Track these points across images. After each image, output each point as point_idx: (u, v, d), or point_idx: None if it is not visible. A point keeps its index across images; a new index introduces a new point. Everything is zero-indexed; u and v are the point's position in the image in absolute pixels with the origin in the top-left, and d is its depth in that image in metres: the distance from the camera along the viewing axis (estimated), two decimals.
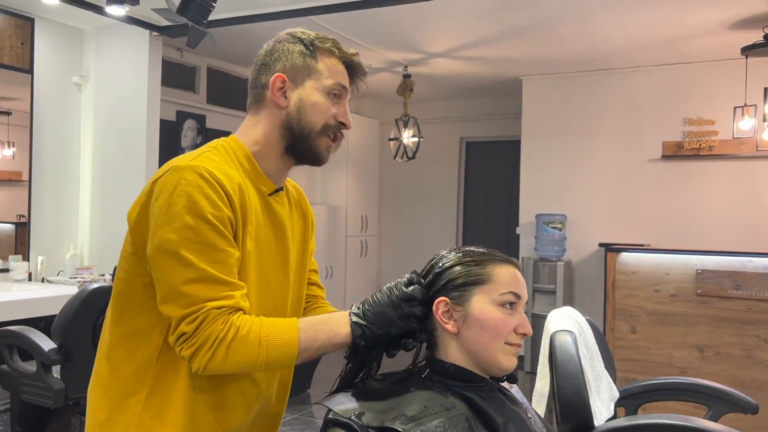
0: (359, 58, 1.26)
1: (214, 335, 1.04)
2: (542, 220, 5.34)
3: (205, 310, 1.04)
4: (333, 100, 1.22)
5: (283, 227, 1.25)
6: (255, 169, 1.21)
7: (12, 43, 3.89)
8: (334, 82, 1.21)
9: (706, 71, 4.98)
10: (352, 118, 1.27)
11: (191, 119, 5.11)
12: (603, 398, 2.07)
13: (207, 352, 1.04)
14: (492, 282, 1.11)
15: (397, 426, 1.00)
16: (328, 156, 1.25)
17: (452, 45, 4.73)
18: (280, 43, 1.23)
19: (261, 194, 1.21)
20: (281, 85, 1.21)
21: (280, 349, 1.06)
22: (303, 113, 1.20)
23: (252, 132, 1.24)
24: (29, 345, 2.70)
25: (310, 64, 1.21)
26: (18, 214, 4.00)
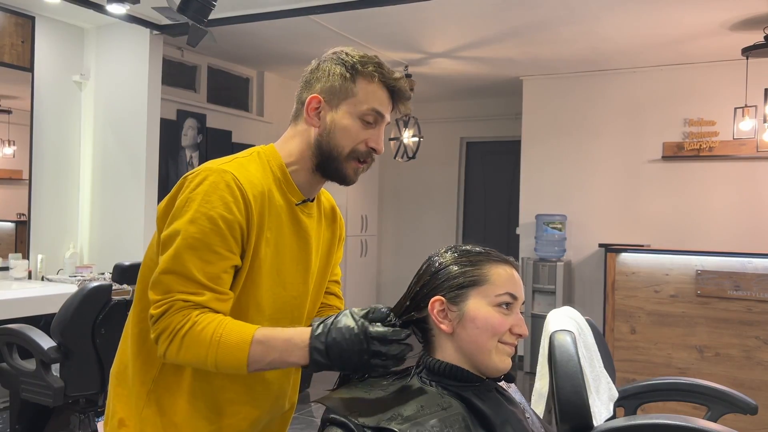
0: (404, 82, 1.25)
1: (172, 326, 1.08)
2: (542, 221, 5.34)
3: (172, 300, 1.09)
4: (365, 125, 1.22)
5: (307, 237, 1.27)
6: (287, 179, 1.24)
7: (12, 41, 3.89)
8: (368, 107, 1.21)
9: (707, 72, 4.97)
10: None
11: (192, 118, 5.10)
12: (602, 398, 2.07)
13: (165, 341, 1.08)
14: (488, 283, 1.11)
15: (393, 426, 1.00)
16: (356, 178, 1.26)
17: (453, 45, 4.73)
18: (324, 63, 1.24)
19: (289, 203, 1.23)
20: (317, 106, 1.22)
21: (229, 354, 1.07)
22: (333, 136, 1.21)
23: (288, 144, 1.27)
24: (29, 343, 2.70)
25: (348, 88, 1.21)
26: (18, 213, 4.00)
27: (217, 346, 1.07)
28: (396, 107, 1.26)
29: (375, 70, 1.22)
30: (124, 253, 3.96)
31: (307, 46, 4.80)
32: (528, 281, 5.35)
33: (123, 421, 1.21)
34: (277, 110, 5.98)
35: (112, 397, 1.25)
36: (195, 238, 1.10)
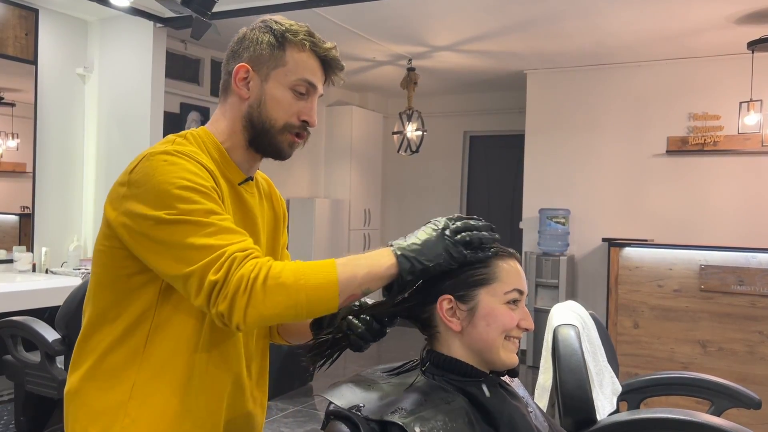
0: (336, 52, 1.19)
1: (246, 277, 0.96)
2: (545, 215, 5.33)
3: (229, 254, 0.97)
4: (298, 97, 1.16)
5: (254, 217, 1.20)
6: (225, 159, 1.17)
7: (16, 34, 3.89)
8: (299, 78, 1.15)
9: (712, 66, 4.95)
10: (356, 112, 1.24)
11: (195, 111, 5.10)
12: (606, 392, 2.07)
13: (243, 296, 0.95)
14: (497, 281, 1.11)
15: (396, 419, 1.00)
16: (291, 152, 1.19)
17: (457, 38, 4.72)
18: (252, 31, 1.17)
19: (231, 184, 1.17)
20: (245, 76, 1.15)
21: (318, 281, 0.98)
22: (264, 107, 1.15)
23: (219, 123, 1.19)
24: (33, 335, 2.71)
25: (278, 56, 1.15)
26: (22, 206, 4.01)
27: (305, 281, 0.97)
28: (329, 78, 1.20)
29: (305, 39, 1.15)
30: None
31: None
32: (531, 276, 5.35)
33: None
34: None
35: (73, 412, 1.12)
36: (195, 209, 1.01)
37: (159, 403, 1.07)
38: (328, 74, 1.19)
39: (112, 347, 1.08)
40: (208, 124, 1.21)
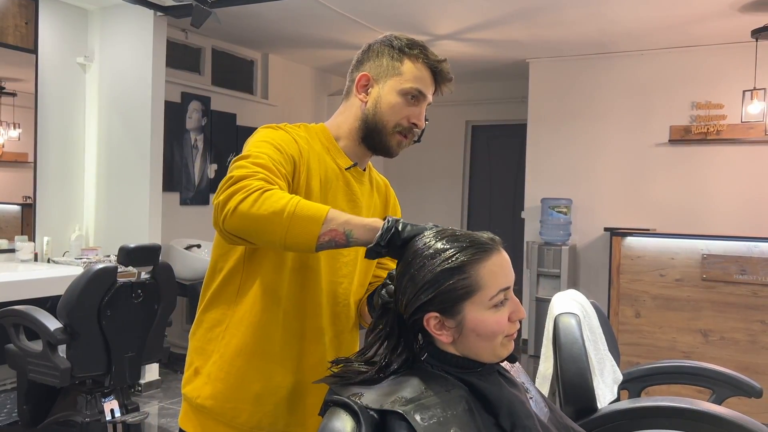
0: (446, 65, 1.37)
1: (252, 186, 1.10)
2: (547, 205, 5.32)
3: (256, 171, 1.14)
4: (409, 102, 1.33)
5: (358, 201, 1.37)
6: (333, 146, 1.36)
7: (16, 22, 3.87)
8: (412, 86, 1.32)
9: (715, 54, 4.92)
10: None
11: (196, 101, 5.09)
12: (606, 381, 2.07)
13: (241, 195, 1.09)
14: (481, 290, 1.06)
15: (396, 408, 1.00)
16: (399, 151, 1.37)
17: (458, 27, 4.69)
18: (375, 44, 1.38)
19: (339, 167, 1.35)
20: (365, 83, 1.35)
21: (306, 209, 1.08)
22: (378, 110, 1.33)
23: (338, 119, 1.39)
24: (35, 324, 2.72)
25: (395, 67, 1.34)
26: (24, 196, 4.01)
27: (297, 202, 1.09)
28: (438, 88, 1.38)
29: (420, 53, 1.34)
30: (130, 236, 3.97)
31: (312, 28, 4.77)
32: (533, 265, 5.35)
33: (198, 370, 1.31)
34: (281, 93, 5.96)
35: (189, 352, 1.35)
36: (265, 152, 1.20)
37: (239, 343, 1.28)
38: (438, 84, 1.38)
39: (216, 295, 1.31)
40: (327, 121, 1.41)
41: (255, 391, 1.27)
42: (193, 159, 5.13)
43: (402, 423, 0.99)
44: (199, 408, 1.30)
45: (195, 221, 4.92)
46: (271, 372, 1.28)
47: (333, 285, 1.33)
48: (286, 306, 1.28)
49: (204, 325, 1.33)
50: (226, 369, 1.28)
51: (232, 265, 1.29)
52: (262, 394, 1.28)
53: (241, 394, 1.27)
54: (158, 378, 4.22)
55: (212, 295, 1.32)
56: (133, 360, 2.90)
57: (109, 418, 2.86)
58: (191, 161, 5.11)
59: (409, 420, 0.98)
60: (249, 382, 1.27)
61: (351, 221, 1.10)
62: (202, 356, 1.32)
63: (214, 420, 1.29)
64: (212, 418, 1.29)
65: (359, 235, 1.10)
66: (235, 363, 1.28)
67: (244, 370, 1.27)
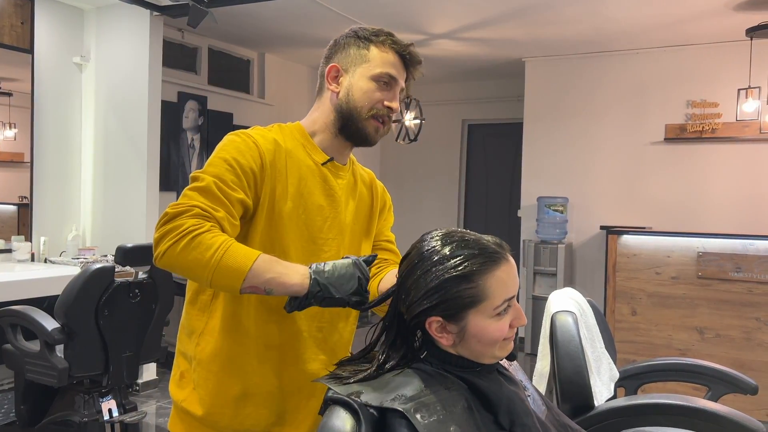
0: (413, 48, 1.37)
1: (185, 227, 1.13)
2: (544, 203, 5.33)
3: (192, 205, 1.16)
4: (381, 87, 1.33)
5: (334, 194, 1.37)
6: (308, 141, 1.36)
7: (12, 22, 3.86)
8: (381, 70, 1.33)
9: (710, 53, 4.94)
10: None
11: (193, 100, 5.09)
12: (603, 378, 2.08)
13: (172, 239, 1.12)
14: (486, 300, 1.06)
15: (396, 406, 1.00)
16: (377, 137, 1.36)
17: (454, 26, 4.70)
18: (341, 38, 1.39)
19: (315, 163, 1.35)
20: (335, 74, 1.36)
21: (231, 263, 1.11)
22: (351, 97, 1.33)
23: (313, 114, 1.40)
24: (32, 324, 2.71)
25: (363, 54, 1.34)
26: (20, 196, 4.00)
27: (222, 254, 1.11)
28: (409, 73, 1.38)
29: (386, 39, 1.34)
30: (127, 235, 3.96)
31: (309, 27, 4.77)
32: (529, 263, 5.36)
33: (183, 375, 1.34)
34: (278, 92, 5.96)
35: (176, 354, 1.38)
36: (213, 174, 1.21)
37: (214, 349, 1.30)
38: (408, 68, 1.37)
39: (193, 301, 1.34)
40: (303, 119, 1.42)
41: (233, 395, 1.29)
42: (190, 158, 5.13)
43: (402, 421, 0.99)
44: (184, 412, 1.32)
45: None
46: (248, 376, 1.30)
47: None
48: (258, 309, 1.29)
49: (184, 331, 1.36)
50: (204, 375, 1.30)
51: None
52: (241, 398, 1.29)
53: (221, 399, 1.29)
54: (156, 377, 4.22)
55: (190, 300, 1.35)
56: (131, 359, 2.90)
57: (106, 417, 2.86)
58: (188, 161, 5.11)
59: (409, 418, 0.99)
60: (227, 387, 1.29)
61: (273, 281, 1.13)
62: (184, 361, 1.35)
63: (198, 424, 1.31)
64: (196, 422, 1.31)
65: (280, 293, 1.16)
66: (212, 369, 1.30)
67: (221, 375, 1.29)
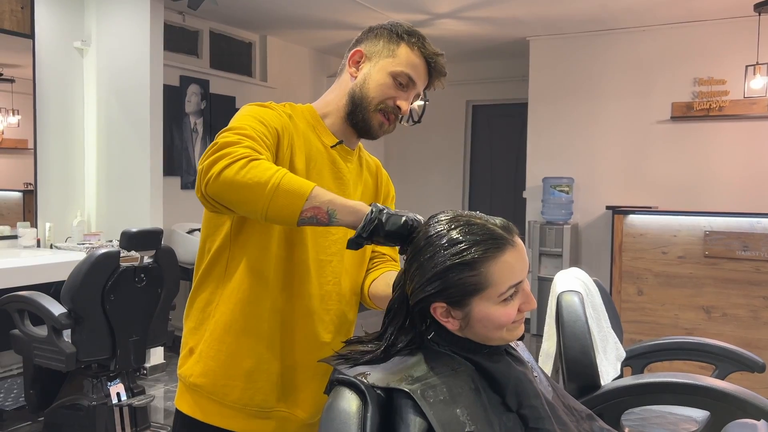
0: (443, 59, 1.35)
1: (238, 153, 1.09)
2: (549, 184, 5.31)
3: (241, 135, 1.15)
4: (397, 85, 1.32)
5: (342, 177, 1.36)
6: (318, 123, 1.35)
7: (12, 7, 3.84)
8: (404, 70, 1.31)
9: (717, 29, 4.88)
10: None
11: (195, 84, 5.06)
12: (609, 358, 2.08)
13: (226, 161, 1.08)
14: (490, 287, 1.04)
15: (403, 386, 1.00)
16: (380, 132, 1.35)
17: (458, 5, 4.65)
18: (377, 27, 1.37)
19: (324, 145, 1.34)
20: (358, 59, 1.35)
21: (294, 181, 1.08)
22: (366, 86, 1.32)
23: (328, 96, 1.39)
24: (40, 310, 2.73)
25: (392, 49, 1.32)
26: (25, 182, 4.01)
27: (283, 174, 1.08)
28: (431, 82, 1.38)
29: (418, 41, 1.33)
30: (131, 220, 3.97)
31: (310, 8, 4.73)
32: (535, 245, 5.35)
33: (192, 350, 1.32)
34: (280, 75, 5.92)
35: (184, 333, 1.36)
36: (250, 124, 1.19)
37: (228, 320, 1.28)
38: (431, 77, 1.37)
39: (206, 275, 1.32)
40: (316, 101, 1.40)
41: (246, 369, 1.28)
42: (193, 142, 5.12)
43: (408, 401, 0.99)
44: (193, 387, 1.30)
45: (196, 205, 4.89)
46: (260, 349, 1.28)
47: (321, 264, 1.32)
48: (273, 284, 1.28)
49: (196, 305, 1.33)
50: (216, 347, 1.28)
51: (219, 244, 1.29)
52: (253, 372, 1.28)
53: (232, 371, 1.28)
54: (163, 361, 4.25)
55: (202, 275, 1.33)
56: (138, 344, 2.91)
57: (115, 401, 2.88)
58: (191, 145, 5.10)
59: (415, 399, 0.98)
60: (239, 359, 1.28)
61: (335, 201, 1.09)
62: (195, 336, 1.32)
63: (207, 398, 1.29)
64: (205, 396, 1.29)
65: (342, 216, 1.09)
66: (225, 340, 1.28)
67: (234, 347, 1.28)
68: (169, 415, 3.47)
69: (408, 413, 0.98)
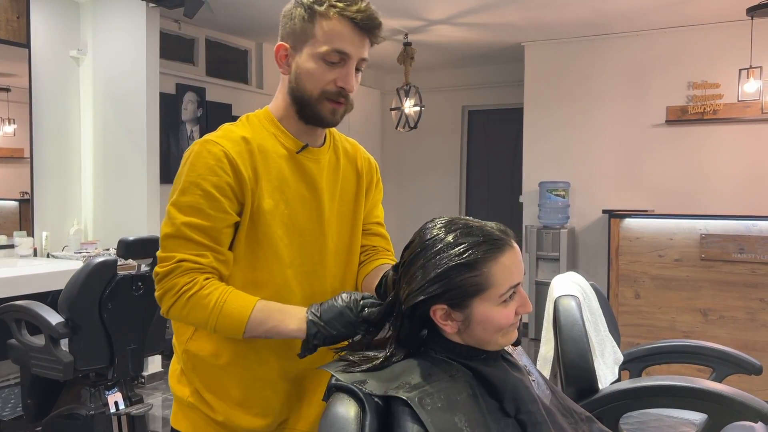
0: (368, 10, 1.19)
1: (178, 286, 1.15)
2: (545, 188, 5.32)
3: (175, 261, 1.16)
4: (330, 66, 1.19)
5: (314, 182, 1.28)
6: (280, 130, 1.27)
7: (8, 17, 3.84)
8: (328, 48, 1.18)
9: (711, 33, 4.90)
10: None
11: (191, 92, 5.07)
12: (607, 362, 2.08)
13: (170, 299, 1.16)
14: (491, 287, 1.05)
15: (400, 394, 1.00)
16: (336, 118, 1.25)
17: (453, 11, 4.67)
18: (287, 8, 1.25)
19: (290, 152, 1.26)
20: (285, 54, 1.24)
21: (228, 320, 1.15)
22: (299, 81, 1.22)
23: (277, 98, 1.30)
24: (37, 319, 2.72)
25: (308, 30, 1.20)
26: (21, 191, 4.00)
27: (219, 312, 1.14)
28: (370, 38, 1.22)
29: (330, 7, 1.18)
30: (128, 229, 3.96)
31: None
32: (532, 249, 5.35)
33: (183, 370, 1.31)
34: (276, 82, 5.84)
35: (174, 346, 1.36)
36: (188, 206, 1.17)
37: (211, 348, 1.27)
38: (364, 34, 1.21)
39: None
40: (270, 103, 1.32)
41: (236, 396, 1.25)
42: None
43: (406, 409, 0.99)
44: (191, 406, 1.28)
45: None
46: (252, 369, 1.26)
47: (305, 276, 1.27)
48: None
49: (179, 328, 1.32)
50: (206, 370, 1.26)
51: None
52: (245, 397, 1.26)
53: (223, 393, 1.26)
54: (161, 370, 4.24)
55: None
56: (136, 352, 2.90)
57: (113, 410, 2.87)
58: None
59: (413, 406, 0.99)
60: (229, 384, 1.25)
61: (271, 331, 1.15)
62: (183, 356, 1.30)
63: (204, 418, 1.27)
64: (203, 416, 1.27)
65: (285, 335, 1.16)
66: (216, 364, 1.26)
67: (221, 373, 1.25)
68: (167, 424, 3.46)
69: (406, 421, 0.98)
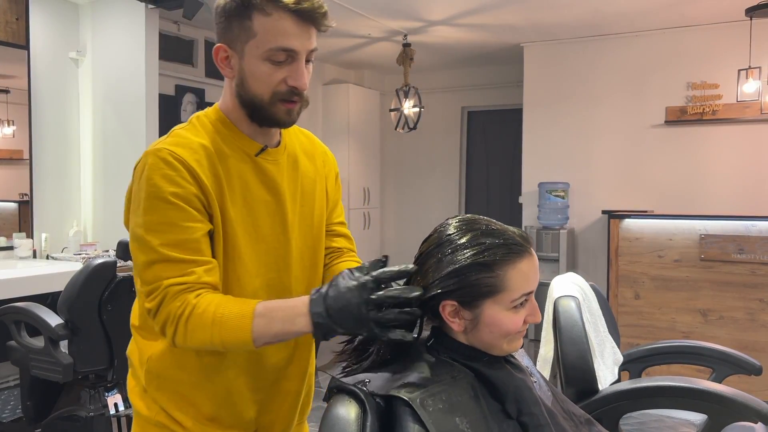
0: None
1: (172, 314, 1.07)
2: (545, 189, 5.32)
3: (163, 289, 1.07)
4: (276, 65, 1.09)
5: (275, 185, 1.21)
6: (234, 133, 1.17)
7: (7, 18, 3.84)
8: (271, 47, 1.08)
9: (710, 34, 4.91)
10: (352, 90, 1.23)
11: (190, 93, 5.07)
12: (607, 363, 2.08)
13: (170, 328, 1.08)
14: (504, 291, 1.05)
15: (402, 394, 1.00)
16: (293, 117, 1.16)
17: (452, 12, 4.67)
18: (220, 7, 1.12)
19: (248, 155, 1.17)
20: (225, 55, 1.13)
21: (232, 332, 1.05)
22: (246, 84, 1.12)
23: (226, 98, 1.19)
24: (36, 321, 2.72)
25: (247, 27, 1.08)
26: (20, 193, 4.00)
27: (220, 326, 1.05)
28: (313, 27, 1.11)
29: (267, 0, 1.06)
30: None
31: None
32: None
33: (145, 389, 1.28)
34: None
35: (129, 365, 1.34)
36: (158, 223, 1.08)
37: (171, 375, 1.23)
38: (310, 24, 1.10)
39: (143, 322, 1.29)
40: (219, 101, 1.21)
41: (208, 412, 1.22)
42: None
43: (407, 410, 0.99)
44: (158, 425, 1.23)
45: None
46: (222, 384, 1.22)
47: (271, 283, 1.22)
48: None
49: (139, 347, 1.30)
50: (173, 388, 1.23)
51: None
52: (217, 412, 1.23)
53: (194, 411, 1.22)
54: None
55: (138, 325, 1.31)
56: None
57: (112, 411, 2.87)
58: None
59: (414, 407, 0.98)
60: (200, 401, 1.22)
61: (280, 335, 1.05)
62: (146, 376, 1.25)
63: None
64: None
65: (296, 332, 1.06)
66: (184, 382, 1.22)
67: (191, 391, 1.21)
68: None
69: (407, 422, 0.98)
